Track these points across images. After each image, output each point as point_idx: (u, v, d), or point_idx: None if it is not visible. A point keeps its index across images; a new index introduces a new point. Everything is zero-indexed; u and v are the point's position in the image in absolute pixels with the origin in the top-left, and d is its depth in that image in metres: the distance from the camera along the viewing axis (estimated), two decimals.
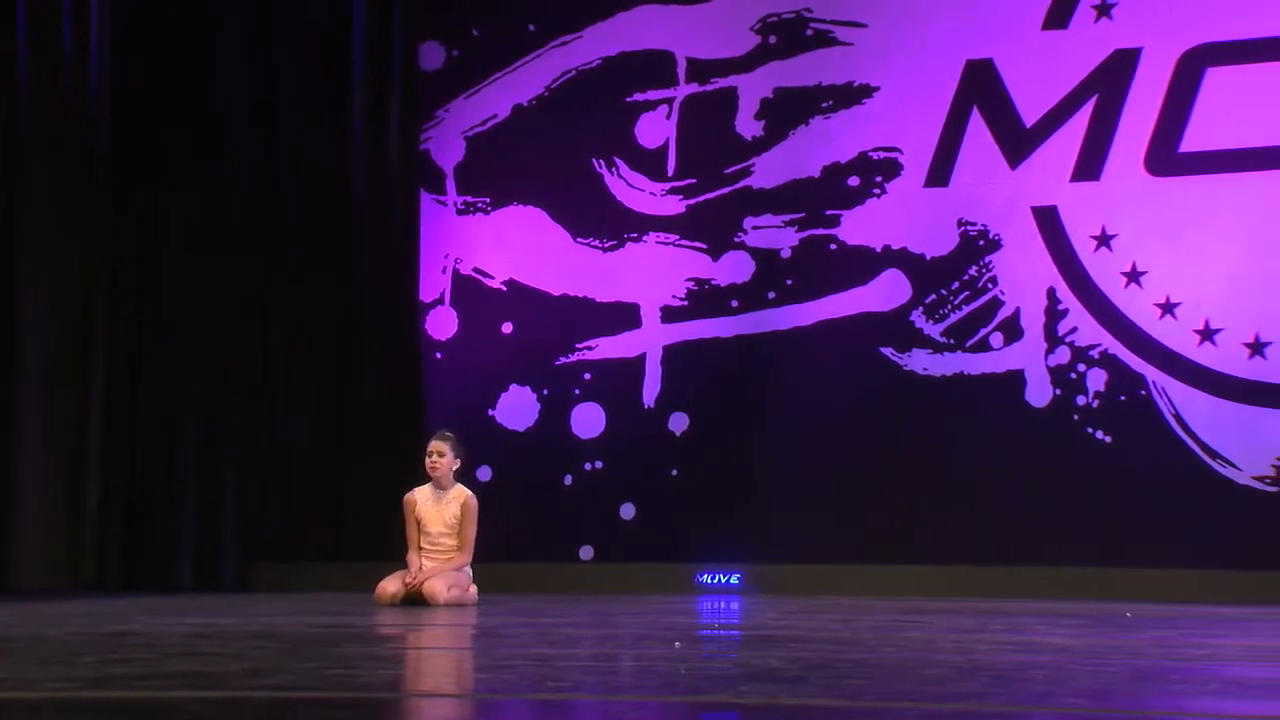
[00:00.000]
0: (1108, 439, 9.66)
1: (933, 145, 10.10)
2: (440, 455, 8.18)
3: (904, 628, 6.17)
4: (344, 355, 10.80)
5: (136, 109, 10.41)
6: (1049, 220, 9.86)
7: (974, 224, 10.00)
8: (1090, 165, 9.81)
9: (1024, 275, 9.88)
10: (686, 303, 10.49)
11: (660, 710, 3.40)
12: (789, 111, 10.37)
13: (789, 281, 10.32)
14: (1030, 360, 9.83)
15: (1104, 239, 9.75)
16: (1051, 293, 9.81)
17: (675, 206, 10.57)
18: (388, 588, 8.02)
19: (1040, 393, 9.80)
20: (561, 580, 10.17)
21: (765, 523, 10.12)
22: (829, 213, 10.24)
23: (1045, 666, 4.47)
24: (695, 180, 10.54)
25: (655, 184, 10.61)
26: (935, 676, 4.12)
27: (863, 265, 10.17)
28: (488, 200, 10.87)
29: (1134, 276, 9.67)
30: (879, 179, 10.18)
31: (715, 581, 10.03)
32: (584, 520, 10.48)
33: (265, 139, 10.79)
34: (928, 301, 10.04)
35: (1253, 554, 9.20)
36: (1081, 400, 9.72)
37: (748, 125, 10.46)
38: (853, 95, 10.27)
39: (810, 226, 10.28)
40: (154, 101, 10.49)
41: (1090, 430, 9.69)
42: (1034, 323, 9.83)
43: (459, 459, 8.22)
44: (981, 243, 9.98)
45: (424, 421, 10.42)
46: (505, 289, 10.78)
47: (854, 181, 10.22)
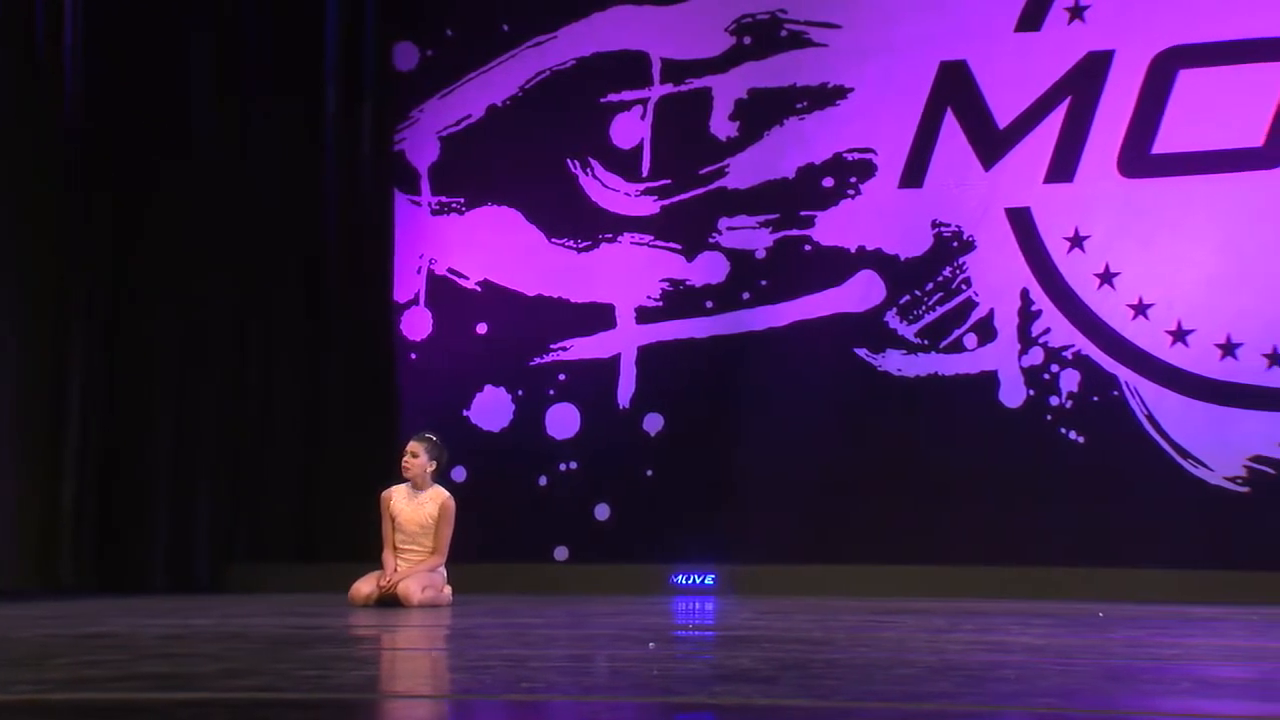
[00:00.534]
0: (1081, 439, 9.69)
1: (907, 146, 10.12)
2: (414, 456, 8.16)
3: (877, 628, 6.19)
4: (318, 356, 10.78)
5: (108, 113, 10.34)
6: (1022, 221, 9.89)
7: (948, 225, 10.03)
8: (1063, 167, 9.85)
9: (998, 276, 9.91)
10: (661, 303, 10.49)
11: (634, 711, 3.41)
12: (763, 112, 10.39)
13: (763, 282, 10.33)
14: (1004, 361, 9.86)
15: (1077, 240, 9.78)
16: (1025, 294, 9.84)
17: (650, 207, 10.57)
18: (362, 589, 8.01)
19: (1014, 393, 9.83)
20: (536, 581, 10.16)
21: (739, 523, 10.13)
22: (803, 214, 10.26)
23: (1016, 666, 4.48)
24: (670, 181, 10.55)
25: (630, 184, 10.62)
26: (907, 676, 4.13)
27: (837, 266, 10.19)
28: (462, 200, 10.86)
29: (1107, 278, 9.71)
30: (853, 180, 10.20)
31: (690, 582, 10.04)
32: (559, 521, 10.47)
33: (238, 140, 10.75)
34: (902, 302, 10.06)
35: (1224, 554, 9.24)
36: (1055, 401, 9.75)
37: (722, 126, 10.47)
38: (827, 96, 10.29)
39: (785, 227, 10.29)
40: (125, 103, 10.42)
41: (1063, 431, 9.73)
42: (1007, 324, 9.86)
43: (434, 461, 8.16)
44: (955, 244, 10.01)
45: (398, 422, 10.41)
46: (480, 289, 10.78)
47: (828, 182, 10.23)
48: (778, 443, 10.15)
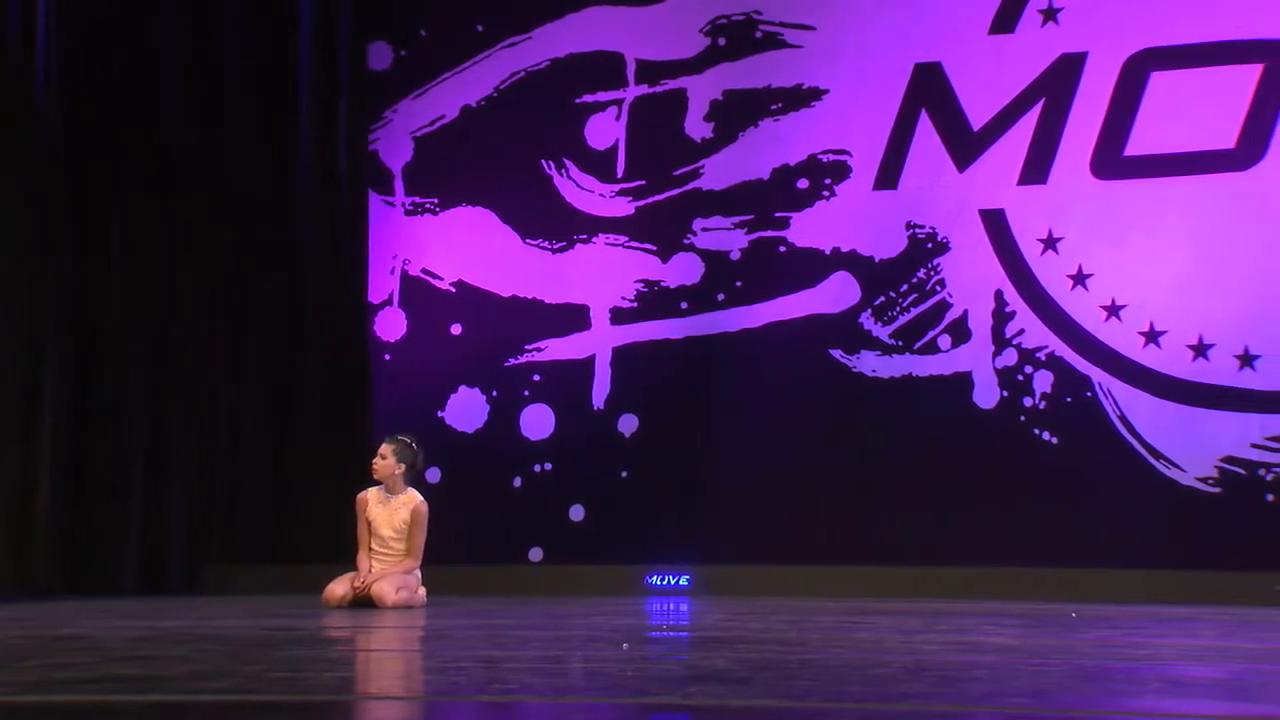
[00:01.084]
0: (1054, 440, 9.73)
1: (881, 148, 10.14)
2: (383, 458, 8.12)
3: (851, 628, 6.20)
4: (292, 357, 10.76)
5: (78, 113, 10.26)
6: (996, 223, 9.92)
7: (922, 226, 10.05)
8: (1037, 168, 9.88)
9: (972, 278, 9.93)
10: (636, 304, 10.50)
11: (608, 712, 3.41)
12: (738, 113, 10.40)
13: (738, 283, 10.34)
14: (978, 362, 9.88)
15: (1051, 242, 9.81)
16: (999, 295, 9.87)
17: (625, 208, 10.57)
18: (336, 590, 7.98)
19: (988, 394, 9.85)
20: (511, 582, 10.15)
21: (714, 524, 10.14)
22: (778, 215, 10.27)
23: (989, 666, 4.50)
24: (645, 182, 10.55)
25: (605, 185, 10.62)
26: (881, 677, 4.14)
27: (812, 267, 10.21)
28: (436, 201, 10.85)
29: (1080, 279, 9.74)
30: (828, 181, 10.22)
31: (664, 583, 10.04)
32: (533, 522, 10.47)
33: (211, 139, 10.70)
34: (876, 304, 10.08)
35: (1195, 555, 9.28)
36: (1028, 402, 9.78)
37: (697, 127, 10.48)
38: (802, 98, 10.30)
39: (759, 228, 10.31)
40: (96, 103, 10.35)
41: (1037, 432, 9.76)
42: (982, 325, 9.88)
43: (404, 464, 8.09)
44: (930, 245, 10.03)
45: (372, 423, 10.39)
46: (454, 290, 10.76)
47: (803, 184, 10.25)
48: (753, 444, 10.16)
